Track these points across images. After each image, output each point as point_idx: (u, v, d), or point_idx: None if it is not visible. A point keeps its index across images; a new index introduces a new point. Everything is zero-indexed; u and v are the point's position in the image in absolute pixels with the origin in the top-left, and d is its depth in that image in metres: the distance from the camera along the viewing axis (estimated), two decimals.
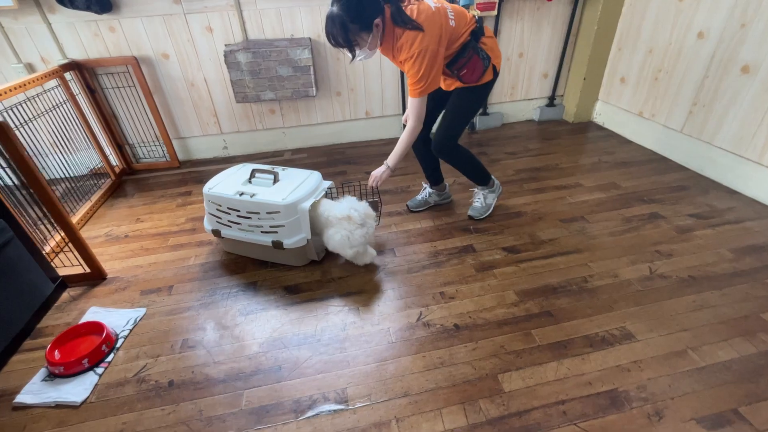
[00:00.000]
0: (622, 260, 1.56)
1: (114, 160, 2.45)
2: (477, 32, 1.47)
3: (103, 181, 2.33)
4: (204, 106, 2.48)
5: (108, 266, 1.70)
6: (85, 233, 1.95)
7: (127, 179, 2.47)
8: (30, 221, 1.60)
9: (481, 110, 2.87)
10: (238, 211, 1.54)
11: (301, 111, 2.62)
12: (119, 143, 2.45)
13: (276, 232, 1.52)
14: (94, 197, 2.19)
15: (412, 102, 1.45)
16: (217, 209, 1.59)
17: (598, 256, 1.59)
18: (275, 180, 1.60)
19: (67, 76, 2.11)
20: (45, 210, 1.47)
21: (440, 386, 1.14)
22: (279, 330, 1.35)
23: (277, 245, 1.52)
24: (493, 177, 1.84)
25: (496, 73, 1.56)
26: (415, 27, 1.31)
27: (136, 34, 2.19)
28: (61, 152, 2.24)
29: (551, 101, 2.93)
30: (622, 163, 2.30)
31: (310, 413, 1.09)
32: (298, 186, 1.56)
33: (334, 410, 1.09)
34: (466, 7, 2.28)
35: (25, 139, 1.93)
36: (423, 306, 1.41)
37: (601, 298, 1.40)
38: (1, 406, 1.15)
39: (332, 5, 1.26)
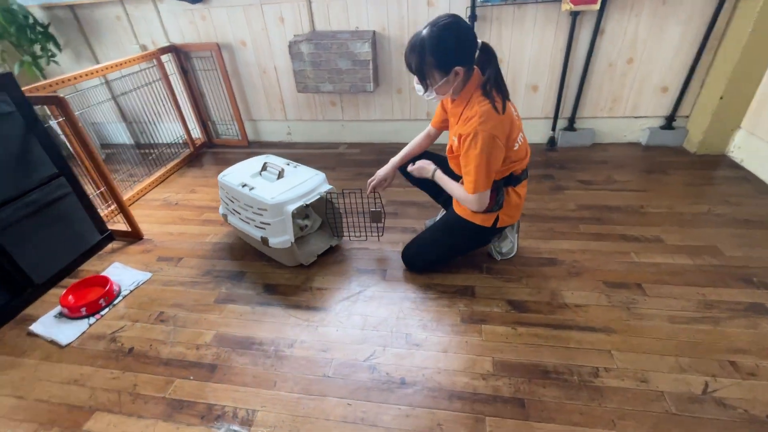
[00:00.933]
0: (667, 361, 1.12)
1: (197, 133, 2.79)
2: (518, 178, 1.32)
3: (182, 150, 2.68)
4: (273, 92, 2.62)
5: (147, 228, 1.94)
6: (151, 195, 2.27)
7: (205, 152, 2.79)
8: (91, 182, 1.90)
9: (566, 125, 2.39)
10: (239, 201, 1.58)
11: (360, 105, 2.57)
12: (203, 119, 2.78)
13: (264, 229, 1.51)
14: (170, 164, 2.52)
15: (473, 197, 1.25)
16: (226, 195, 1.66)
17: (634, 345, 1.18)
18: (279, 176, 1.59)
19: (165, 57, 2.44)
20: (97, 176, 1.74)
21: None
22: (235, 327, 1.36)
23: (265, 242, 1.51)
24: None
25: (493, 226, 1.34)
26: (496, 108, 1.13)
27: (221, 22, 2.40)
28: (152, 122, 2.64)
29: (669, 122, 2.27)
30: (743, 221, 1.66)
31: (214, 424, 1.06)
32: (295, 186, 1.52)
33: (234, 431, 1.04)
34: None
35: (127, 106, 2.32)
36: (380, 346, 1.25)
37: (606, 406, 1.03)
38: (22, 328, 1.42)
39: (425, 27, 1.12)
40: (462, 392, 1.09)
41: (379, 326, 1.32)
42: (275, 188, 1.51)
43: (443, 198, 1.61)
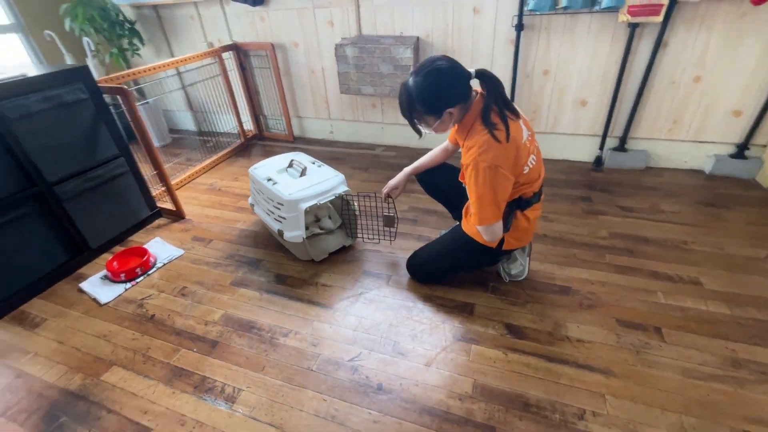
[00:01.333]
0: (668, 417, 1.02)
1: (249, 126, 3.01)
2: (528, 201, 1.26)
3: (235, 140, 2.91)
4: (319, 92, 2.74)
5: (190, 210, 2.15)
6: (201, 179, 2.50)
7: (255, 143, 2.99)
8: (148, 164, 2.14)
9: (616, 145, 2.22)
10: (264, 194, 1.69)
11: (399, 109, 2.58)
12: (256, 113, 2.98)
13: (281, 222, 1.61)
14: (222, 152, 2.75)
15: (480, 228, 1.23)
16: (254, 187, 1.78)
17: (633, 393, 1.08)
18: (302, 174, 1.67)
19: (226, 55, 2.66)
20: (150, 159, 1.96)
21: None
22: (242, 309, 1.46)
23: (280, 234, 1.61)
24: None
25: (497, 249, 1.30)
26: (495, 137, 1.08)
27: (277, 24, 2.56)
28: (212, 112, 2.89)
29: (741, 151, 2.01)
30: None
31: (204, 395, 1.17)
32: (313, 185, 1.59)
33: (217, 406, 1.14)
34: (615, 8, 1.77)
35: (193, 96, 2.57)
36: (366, 349, 1.28)
37: None
38: (74, 284, 1.65)
39: (411, 75, 1.12)
40: (434, 408, 1.08)
41: (371, 330, 1.34)
42: (295, 185, 1.60)
43: (458, 213, 1.58)
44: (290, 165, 1.75)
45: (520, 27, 2.03)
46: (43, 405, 1.18)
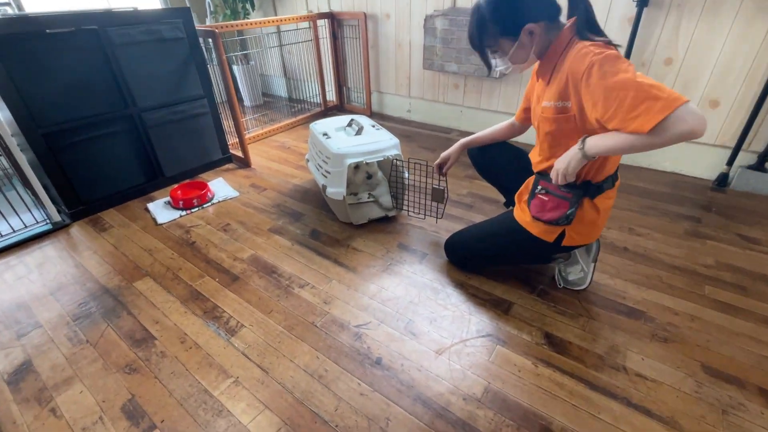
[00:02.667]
0: None
1: (331, 96, 3.06)
2: (598, 186, 1.01)
3: (315, 108, 2.98)
4: (402, 67, 2.66)
5: (257, 161, 2.24)
6: (276, 137, 2.60)
7: (334, 113, 3.04)
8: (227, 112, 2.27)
9: (752, 162, 1.74)
10: (317, 147, 1.66)
11: (483, 92, 2.38)
12: (340, 83, 3.02)
13: (326, 177, 1.56)
14: (301, 116, 2.84)
15: (669, 122, 0.74)
16: (311, 141, 1.77)
17: None
18: (358, 132, 1.61)
19: (321, 22, 2.72)
20: (230, 109, 2.07)
21: (293, 393, 0.96)
22: (270, 254, 1.45)
23: (324, 189, 1.56)
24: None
25: (556, 243, 1.06)
26: (612, 44, 0.85)
27: None
28: (301, 80, 2.99)
29: None
30: None
31: (209, 322, 1.17)
32: (364, 144, 1.51)
33: (217, 334, 1.13)
34: None
35: (288, 62, 2.70)
36: (377, 319, 1.16)
37: None
38: (143, 203, 1.82)
39: None
40: (431, 400, 0.93)
41: (388, 302, 1.22)
42: (346, 141, 1.54)
43: (511, 198, 1.36)
44: (349, 124, 1.70)
45: (643, 2, 1.69)
46: (84, 294, 1.29)
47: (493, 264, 1.34)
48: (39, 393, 0.97)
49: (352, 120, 1.70)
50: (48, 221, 1.65)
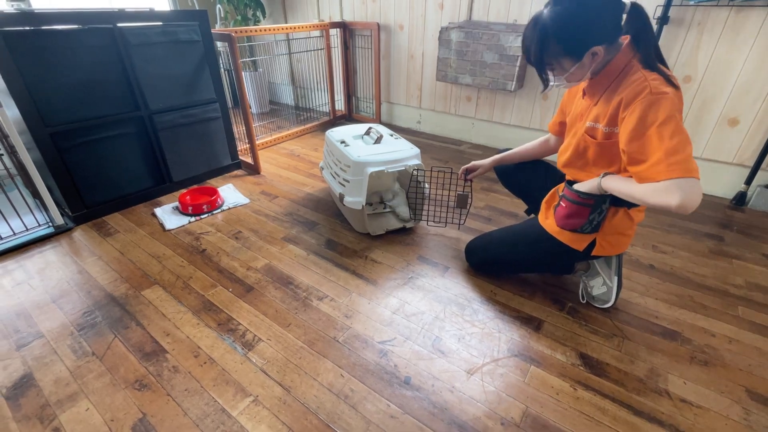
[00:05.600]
0: None
1: (340, 105, 3.04)
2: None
3: (323, 117, 2.95)
4: (414, 78, 2.65)
5: (266, 168, 2.19)
6: (284, 144, 2.56)
7: (342, 123, 3.01)
8: (240, 120, 2.22)
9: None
10: (334, 155, 1.62)
11: (496, 105, 2.37)
12: (350, 93, 3.00)
13: (344, 186, 1.51)
14: (309, 125, 2.81)
15: (671, 185, 0.77)
16: (327, 149, 1.73)
17: None
18: (377, 141, 1.57)
19: (333, 31, 2.72)
20: (242, 115, 2.03)
21: (318, 414, 0.89)
22: (285, 264, 1.39)
23: (341, 198, 1.52)
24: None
25: (586, 252, 1.05)
26: (672, 83, 0.83)
27: (388, 3, 2.54)
28: (310, 88, 2.97)
29: None
30: None
31: (224, 335, 1.10)
32: (385, 153, 1.47)
33: (233, 348, 1.06)
34: None
35: (297, 70, 2.68)
36: (402, 336, 1.10)
37: None
38: (150, 208, 1.75)
39: (547, 5, 0.88)
40: (467, 424, 0.86)
41: (413, 317, 1.16)
42: (366, 150, 1.50)
43: (536, 207, 1.33)
44: (367, 132, 1.67)
45: (664, 20, 1.70)
46: (88, 302, 1.22)
47: (514, 270, 1.30)
48: (41, 410, 0.90)
49: (370, 128, 1.67)
50: (50, 224, 1.58)
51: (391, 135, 1.66)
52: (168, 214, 1.69)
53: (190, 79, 1.80)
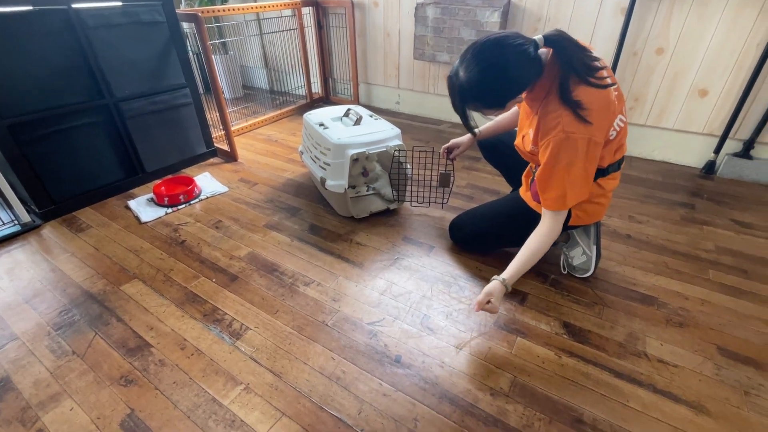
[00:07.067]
0: None
1: (316, 87, 2.96)
2: (604, 170, 1.01)
3: (300, 100, 2.88)
4: (391, 57, 2.60)
5: (243, 154, 2.13)
6: (261, 130, 2.49)
7: (320, 105, 2.94)
8: (213, 105, 2.14)
9: (738, 150, 1.80)
10: (313, 138, 1.59)
11: None
12: (326, 75, 2.92)
13: (325, 169, 1.49)
14: (286, 109, 2.73)
15: (543, 211, 1.00)
16: (305, 132, 1.69)
17: None
18: (356, 123, 1.54)
19: (305, 10, 2.62)
20: (214, 100, 1.95)
21: (311, 397, 0.89)
22: (269, 251, 1.37)
23: (323, 182, 1.49)
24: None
25: (563, 223, 1.03)
26: (581, 118, 0.86)
27: None
28: (285, 71, 2.88)
29: None
30: None
31: (210, 325, 1.08)
32: (365, 134, 1.45)
33: (221, 338, 1.04)
34: None
35: (270, 53, 2.58)
36: (391, 316, 1.11)
37: None
38: (123, 201, 1.69)
39: (461, 63, 0.87)
40: (458, 398, 0.89)
41: (400, 297, 1.17)
42: (346, 132, 1.47)
43: (516, 182, 1.35)
44: (346, 114, 1.63)
45: None
46: (64, 300, 1.17)
47: (498, 245, 1.32)
48: (22, 413, 0.87)
49: (349, 109, 1.63)
50: (16, 222, 1.50)
51: (371, 116, 1.63)
52: (143, 207, 1.63)
53: (156, 63, 1.71)
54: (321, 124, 1.55)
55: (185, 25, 1.87)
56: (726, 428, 0.82)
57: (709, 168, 1.87)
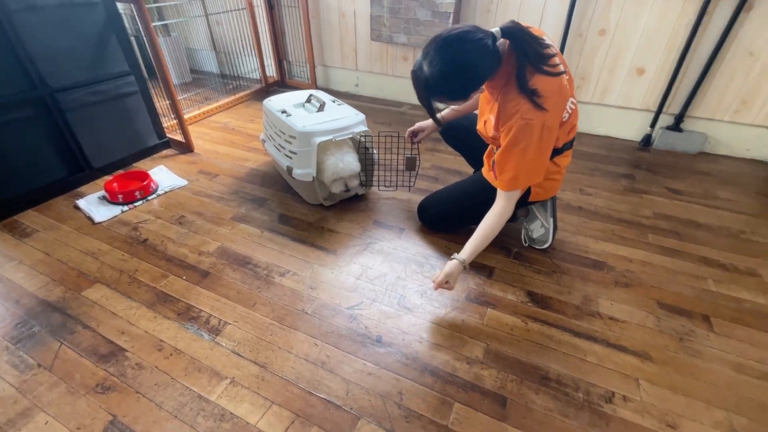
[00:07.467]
0: (714, 414, 0.86)
1: (271, 71, 2.85)
2: (557, 150, 1.08)
3: (255, 84, 2.76)
4: (348, 39, 2.55)
5: (200, 144, 2.03)
6: (215, 117, 2.38)
7: (276, 90, 2.84)
8: (162, 93, 2.00)
9: (670, 123, 1.98)
10: (276, 127, 1.55)
11: None
12: (280, 57, 2.82)
13: (291, 158, 1.47)
14: (240, 94, 2.62)
15: (498, 192, 1.06)
16: (267, 120, 1.65)
17: (673, 382, 0.92)
18: (320, 109, 1.53)
19: None
20: (162, 86, 1.83)
21: (298, 384, 0.92)
22: (240, 244, 1.35)
23: (289, 171, 1.47)
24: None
25: (523, 198, 1.12)
26: (538, 105, 0.91)
27: None
28: (236, 53, 2.75)
29: None
30: None
31: (186, 324, 1.07)
32: (330, 121, 1.44)
33: (199, 335, 1.03)
34: None
35: (218, 34, 2.44)
36: (368, 299, 1.15)
37: None
38: (71, 201, 1.57)
39: (425, 58, 0.89)
40: (438, 369, 0.95)
41: (376, 280, 1.21)
42: (310, 119, 1.45)
43: (478, 165, 1.42)
44: (308, 100, 1.61)
45: None
46: (19, 312, 1.09)
47: (465, 223, 1.39)
48: None
49: (311, 95, 1.61)
50: None
51: (333, 101, 1.62)
52: (95, 206, 1.53)
53: (94, 49, 1.57)
54: (283, 111, 1.52)
55: (120, 6, 1.71)
56: (666, 371, 0.95)
57: (646, 141, 2.05)
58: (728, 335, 1.04)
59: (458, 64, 0.87)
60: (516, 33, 0.89)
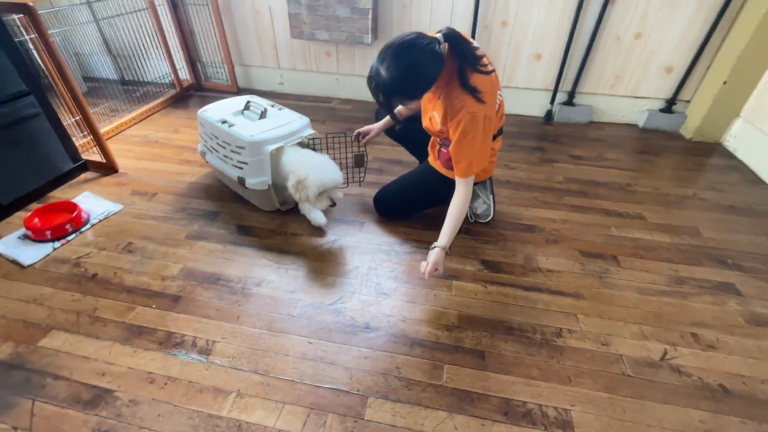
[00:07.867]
0: (630, 328, 1.13)
1: (184, 74, 2.67)
2: (494, 136, 1.25)
3: (168, 90, 2.57)
4: (266, 36, 2.49)
5: (124, 163, 1.87)
6: (131, 131, 2.19)
7: (192, 94, 2.68)
8: (67, 109, 1.79)
9: (565, 99, 2.33)
10: (218, 138, 1.52)
11: (356, 59, 2.46)
12: (192, 59, 2.65)
13: (242, 168, 1.46)
14: (154, 102, 2.42)
15: (457, 180, 1.19)
16: (205, 132, 1.59)
17: (600, 311, 1.18)
18: (262, 116, 1.52)
19: None
20: (71, 102, 1.65)
21: (303, 381, 0.99)
22: (204, 262, 1.33)
23: (241, 182, 1.47)
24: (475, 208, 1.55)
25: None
26: (479, 100, 1.06)
27: None
28: (138, 57, 2.51)
29: (669, 106, 2.23)
30: (727, 207, 1.65)
31: (172, 351, 1.05)
32: (277, 127, 1.46)
33: (190, 360, 1.03)
34: None
35: (112, 37, 2.19)
36: (348, 292, 1.24)
37: (564, 363, 1.04)
38: None
39: (381, 63, 0.99)
40: (424, 340, 1.09)
41: (350, 274, 1.30)
42: (256, 127, 1.45)
43: (420, 154, 1.58)
44: (247, 107, 1.59)
45: None
46: None
47: (419, 209, 1.53)
48: None
49: (249, 102, 1.59)
50: None
51: (273, 106, 1.62)
52: (17, 248, 1.36)
53: None
54: (224, 122, 1.49)
55: (6, 18, 1.47)
56: (594, 304, 1.21)
57: (548, 116, 2.39)
58: (631, 267, 1.34)
59: (414, 69, 0.98)
60: (456, 38, 1.03)
